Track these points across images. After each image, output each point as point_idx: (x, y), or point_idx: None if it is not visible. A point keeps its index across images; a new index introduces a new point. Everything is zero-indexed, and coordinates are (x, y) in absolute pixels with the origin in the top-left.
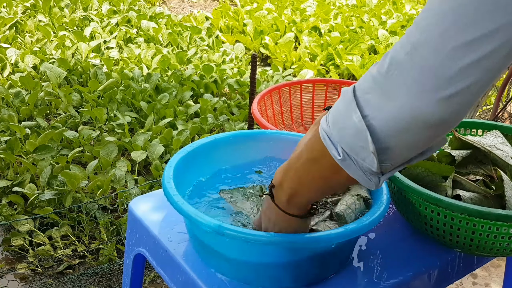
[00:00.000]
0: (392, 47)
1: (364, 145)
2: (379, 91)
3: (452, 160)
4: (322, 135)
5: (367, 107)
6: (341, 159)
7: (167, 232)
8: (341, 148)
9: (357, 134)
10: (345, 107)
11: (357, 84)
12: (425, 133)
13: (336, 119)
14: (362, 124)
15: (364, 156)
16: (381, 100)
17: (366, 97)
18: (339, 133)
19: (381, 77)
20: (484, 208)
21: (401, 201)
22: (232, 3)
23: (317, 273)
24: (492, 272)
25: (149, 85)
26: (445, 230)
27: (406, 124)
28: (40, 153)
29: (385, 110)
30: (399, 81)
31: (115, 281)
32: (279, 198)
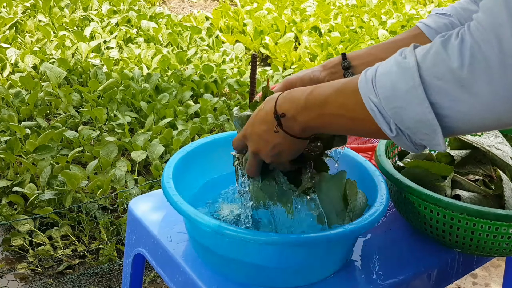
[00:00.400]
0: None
1: (429, 133)
2: (456, 82)
3: (451, 160)
4: (370, 107)
5: (438, 94)
6: (393, 136)
7: (167, 232)
8: (395, 125)
9: (423, 123)
10: (408, 89)
11: (422, 63)
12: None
13: (392, 97)
14: (432, 117)
15: (423, 138)
16: (458, 92)
17: (438, 84)
18: (395, 112)
19: (461, 69)
20: (483, 208)
21: (401, 201)
22: (232, 3)
23: (317, 273)
24: (492, 272)
25: (149, 85)
26: (445, 230)
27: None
28: (40, 153)
29: (464, 105)
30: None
31: (115, 281)
32: (290, 128)
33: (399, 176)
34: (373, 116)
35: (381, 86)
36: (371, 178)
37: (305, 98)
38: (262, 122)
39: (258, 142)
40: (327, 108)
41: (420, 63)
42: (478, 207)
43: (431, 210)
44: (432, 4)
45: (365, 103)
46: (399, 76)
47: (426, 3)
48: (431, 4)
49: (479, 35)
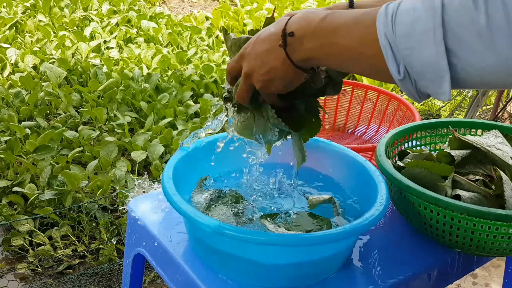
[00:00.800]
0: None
1: (435, 80)
2: (476, 31)
3: (451, 160)
4: (383, 42)
5: (456, 41)
6: (400, 79)
7: (167, 232)
8: (404, 68)
9: (432, 68)
10: (427, 29)
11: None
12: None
13: (408, 35)
14: (445, 63)
15: (429, 85)
16: (476, 43)
17: (459, 30)
18: (407, 53)
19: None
20: (483, 208)
21: (401, 201)
22: (232, 3)
23: (317, 273)
24: (492, 272)
25: (149, 85)
26: (445, 230)
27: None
28: (40, 153)
29: (479, 57)
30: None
31: (115, 281)
32: (292, 52)
33: (399, 176)
34: (384, 54)
35: (400, 22)
36: (371, 178)
37: (318, 22)
38: (265, 40)
39: (254, 62)
40: (337, 37)
41: (447, 4)
42: (478, 207)
43: (431, 210)
44: None
45: (379, 38)
46: (421, 14)
47: None
48: None
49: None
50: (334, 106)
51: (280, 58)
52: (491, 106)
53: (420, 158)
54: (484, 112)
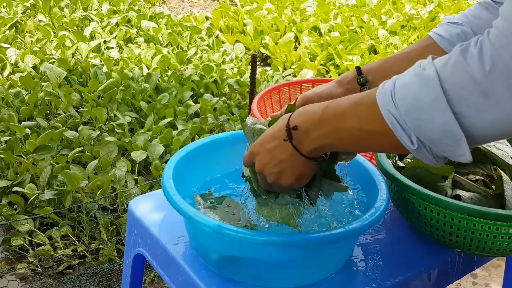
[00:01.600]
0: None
1: (453, 144)
2: (479, 91)
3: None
4: (389, 119)
5: (462, 104)
6: (414, 148)
7: (167, 232)
8: (416, 138)
9: (446, 134)
10: (431, 100)
11: (443, 74)
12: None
13: (414, 109)
14: (457, 128)
15: (445, 149)
16: (481, 101)
17: (461, 93)
18: (417, 124)
19: (482, 77)
20: (483, 208)
21: (401, 201)
22: (232, 3)
23: (317, 273)
24: (492, 272)
25: (149, 85)
26: (445, 230)
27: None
28: (40, 153)
29: (486, 113)
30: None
31: (115, 281)
32: (301, 144)
33: (399, 176)
34: (393, 130)
35: (401, 99)
36: (371, 178)
37: (322, 112)
38: (273, 137)
39: (265, 157)
40: (344, 121)
41: (440, 73)
42: (478, 207)
43: (431, 210)
44: (432, 4)
45: (384, 116)
46: (420, 87)
47: (426, 3)
48: (431, 4)
49: (499, 42)
50: None
51: (287, 151)
52: None
53: None
54: None
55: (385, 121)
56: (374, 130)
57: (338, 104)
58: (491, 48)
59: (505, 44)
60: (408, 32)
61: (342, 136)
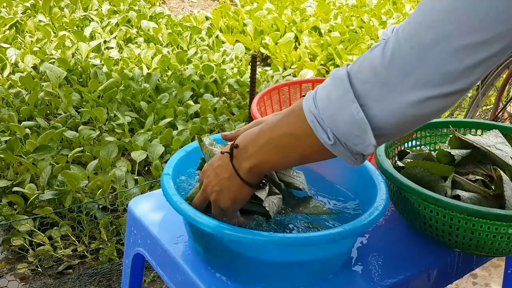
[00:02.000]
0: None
1: (360, 134)
2: (379, 82)
3: (451, 159)
4: (310, 118)
5: (366, 97)
6: (331, 144)
7: (167, 232)
8: (332, 134)
9: (354, 124)
10: (340, 95)
11: (351, 71)
12: (419, 123)
13: (328, 105)
14: (361, 117)
15: (357, 142)
16: (382, 91)
17: (365, 87)
18: (332, 120)
19: (382, 69)
20: (483, 208)
21: (401, 201)
22: (232, 3)
23: (317, 273)
24: (492, 272)
25: (149, 85)
26: (444, 230)
27: (406, 115)
28: (40, 153)
29: (387, 102)
30: (402, 74)
31: (115, 281)
32: (240, 162)
33: (399, 176)
34: (312, 128)
35: (319, 99)
36: (371, 178)
37: (260, 128)
38: (219, 157)
39: (210, 175)
40: (277, 131)
41: (350, 71)
42: (478, 207)
43: (431, 210)
44: None
45: (307, 116)
46: (333, 85)
47: None
48: None
49: (403, 34)
50: None
51: (228, 170)
52: (491, 106)
53: (419, 158)
54: (484, 112)
55: (307, 123)
56: (299, 134)
57: (273, 118)
58: (394, 40)
59: (408, 36)
60: None
61: (273, 145)
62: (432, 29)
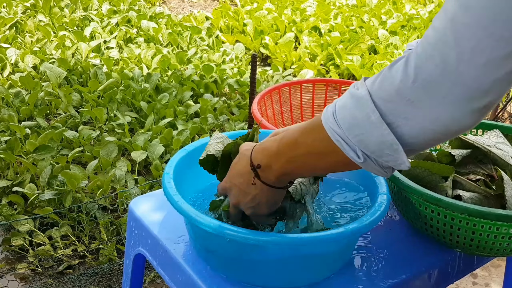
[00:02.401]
0: (413, 57)
1: (392, 153)
2: (405, 100)
3: (452, 159)
4: (335, 138)
5: (392, 115)
6: (361, 162)
7: (167, 232)
8: (361, 152)
9: (384, 145)
10: (366, 116)
11: (372, 90)
12: (450, 136)
13: (353, 126)
14: (392, 138)
15: (388, 160)
16: (409, 109)
17: (390, 106)
18: (359, 139)
19: (406, 88)
20: (484, 208)
21: (401, 201)
22: (232, 3)
23: (317, 273)
24: (492, 272)
25: (149, 85)
26: (445, 230)
27: (436, 132)
28: (40, 153)
29: (415, 120)
30: (430, 92)
31: (115, 281)
32: (267, 178)
33: (400, 176)
34: (339, 147)
35: (341, 118)
36: (371, 178)
37: (277, 145)
38: (239, 175)
39: (238, 194)
40: (297, 149)
41: (370, 90)
42: (479, 207)
43: (432, 210)
44: (432, 4)
45: (330, 135)
46: (355, 106)
47: (426, 3)
48: (431, 4)
49: (424, 52)
50: None
51: (258, 187)
52: None
53: (420, 158)
54: None
55: (332, 141)
56: (324, 151)
57: (290, 135)
58: (416, 58)
59: (430, 54)
60: (408, 32)
61: (298, 164)
62: (456, 46)
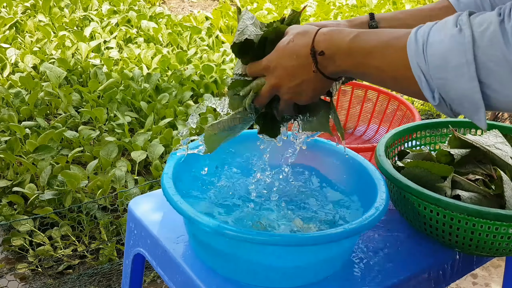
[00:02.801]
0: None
1: (471, 108)
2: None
3: (451, 159)
4: (417, 73)
5: (488, 75)
6: (435, 104)
7: (167, 232)
8: (439, 95)
9: (467, 99)
10: (460, 64)
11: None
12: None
13: (441, 67)
14: (478, 97)
15: (465, 112)
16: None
17: (490, 66)
18: (442, 82)
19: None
20: (483, 208)
21: (401, 201)
22: (232, 3)
23: (317, 273)
24: (492, 272)
25: (149, 85)
26: (445, 230)
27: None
28: (40, 153)
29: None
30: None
31: (115, 281)
32: (325, 67)
33: (399, 176)
34: (417, 82)
35: (432, 54)
36: (371, 178)
37: (349, 42)
38: (293, 56)
39: (283, 76)
40: (371, 59)
41: (477, 39)
42: (478, 207)
43: (431, 210)
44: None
45: (412, 67)
46: (453, 48)
47: (426, 3)
48: (431, 4)
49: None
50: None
51: (310, 73)
52: None
53: (419, 158)
54: None
55: (411, 71)
56: (399, 76)
57: (367, 39)
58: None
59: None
60: None
61: (366, 72)
62: None
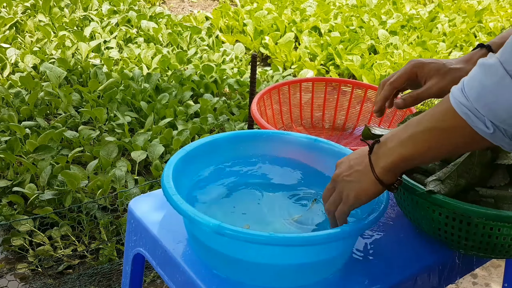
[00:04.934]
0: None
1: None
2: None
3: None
4: (462, 111)
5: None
6: (490, 133)
7: (167, 232)
8: (491, 122)
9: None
10: (496, 82)
11: (503, 60)
12: None
13: (481, 94)
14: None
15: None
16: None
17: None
18: (488, 108)
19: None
20: (483, 208)
21: (408, 203)
22: (232, 3)
23: (317, 273)
24: (492, 272)
25: (149, 85)
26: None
27: None
28: (40, 153)
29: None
30: None
31: (115, 281)
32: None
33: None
34: (466, 119)
35: (469, 89)
36: None
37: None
38: (359, 151)
39: (344, 167)
40: (421, 125)
41: (500, 58)
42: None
43: (447, 216)
44: (432, 4)
45: (457, 109)
46: (484, 74)
47: (426, 3)
48: (431, 4)
49: None
50: (333, 106)
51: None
52: None
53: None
54: None
55: (458, 114)
56: (448, 125)
57: (419, 116)
58: None
59: None
60: (408, 32)
61: (417, 140)
62: None
